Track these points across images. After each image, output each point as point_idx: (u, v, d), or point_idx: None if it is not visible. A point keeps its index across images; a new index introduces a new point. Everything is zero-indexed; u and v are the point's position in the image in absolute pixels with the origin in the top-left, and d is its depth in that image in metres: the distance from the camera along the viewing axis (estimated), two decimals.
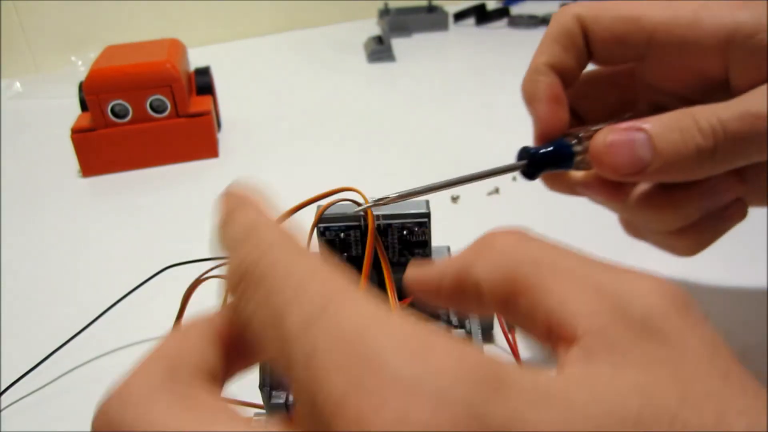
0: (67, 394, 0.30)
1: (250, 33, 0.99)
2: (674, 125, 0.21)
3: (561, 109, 0.26)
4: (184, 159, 0.55)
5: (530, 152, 0.25)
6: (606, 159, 0.23)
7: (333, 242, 0.30)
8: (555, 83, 0.27)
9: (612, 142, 0.22)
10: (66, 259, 0.42)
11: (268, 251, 0.14)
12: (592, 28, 0.25)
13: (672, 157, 0.21)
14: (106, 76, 0.51)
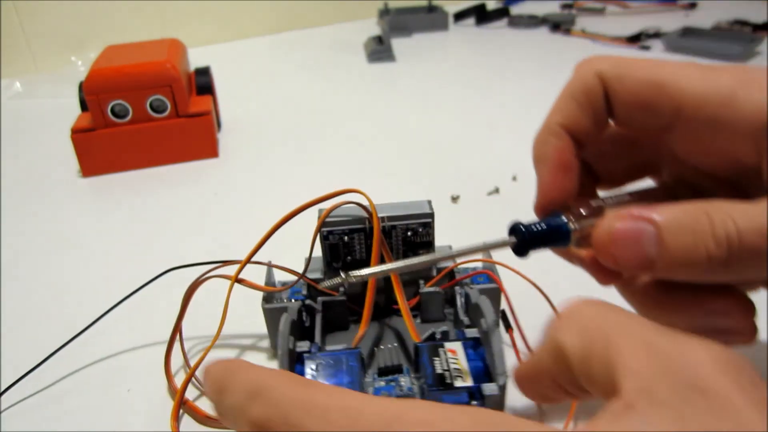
0: (67, 396, 0.30)
1: (250, 33, 0.99)
2: (687, 225, 0.19)
3: (566, 178, 0.24)
4: (184, 159, 0.55)
5: (521, 230, 0.23)
6: (609, 250, 0.20)
7: (336, 246, 0.30)
8: (565, 147, 0.24)
9: (617, 232, 0.20)
10: (66, 259, 0.42)
11: (280, 403, 0.15)
12: (615, 89, 0.23)
13: (681, 259, 0.19)
14: (106, 76, 0.51)
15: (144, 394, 0.30)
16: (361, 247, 0.30)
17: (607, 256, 0.21)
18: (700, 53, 0.76)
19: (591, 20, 0.99)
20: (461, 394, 0.24)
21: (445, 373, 0.25)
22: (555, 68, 0.76)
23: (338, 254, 0.30)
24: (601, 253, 0.21)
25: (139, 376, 0.31)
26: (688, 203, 0.19)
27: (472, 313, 0.29)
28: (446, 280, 0.31)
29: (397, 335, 0.30)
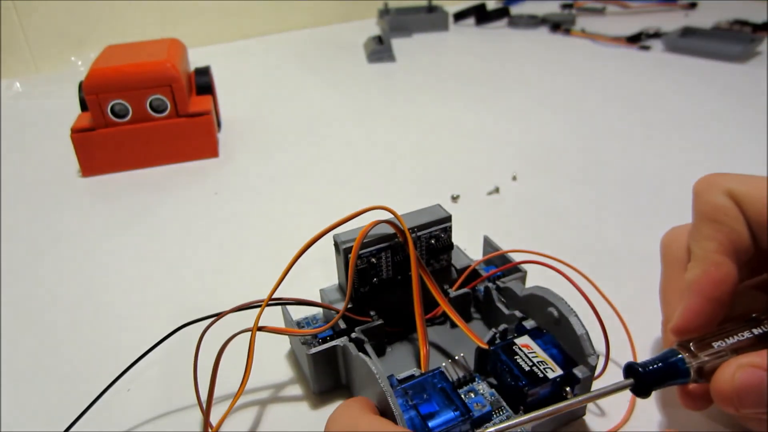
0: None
1: (250, 33, 0.99)
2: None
3: (715, 311, 0.23)
4: (184, 159, 0.55)
5: (639, 371, 0.22)
6: (731, 399, 0.21)
7: (365, 270, 0.28)
8: (726, 278, 0.23)
9: (741, 383, 0.20)
10: (66, 259, 0.42)
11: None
12: (746, 207, 0.22)
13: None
14: (106, 76, 0.51)
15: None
16: (389, 266, 0.29)
17: (728, 403, 0.21)
18: (700, 53, 0.77)
19: (591, 20, 0.99)
20: (555, 384, 0.24)
21: (534, 369, 0.25)
22: (555, 68, 0.76)
23: (367, 278, 0.28)
24: (722, 399, 0.21)
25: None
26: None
27: (524, 305, 0.28)
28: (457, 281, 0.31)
29: (438, 348, 0.30)
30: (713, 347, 0.22)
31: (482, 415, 0.24)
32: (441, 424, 0.23)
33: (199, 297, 0.37)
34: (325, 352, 0.27)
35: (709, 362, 0.22)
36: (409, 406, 0.23)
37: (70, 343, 0.33)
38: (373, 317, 0.29)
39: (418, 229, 0.29)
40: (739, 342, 0.22)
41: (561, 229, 0.42)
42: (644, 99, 0.64)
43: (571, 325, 0.25)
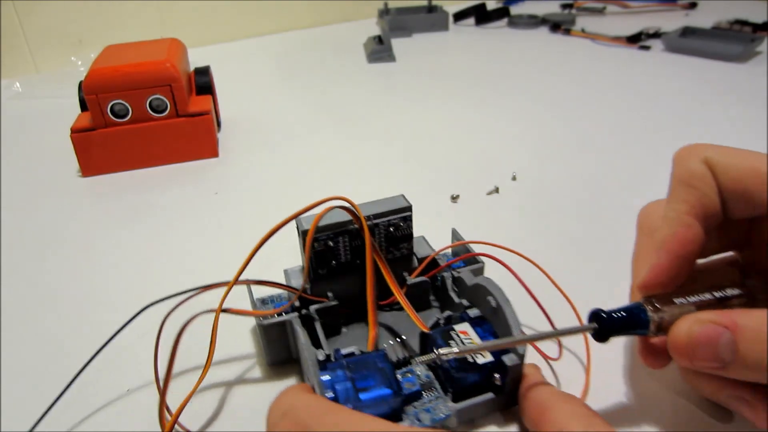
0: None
1: (250, 33, 0.99)
2: (761, 333, 0.21)
3: (682, 269, 0.25)
4: (184, 159, 0.55)
5: (602, 316, 0.24)
6: (686, 351, 0.22)
7: (323, 252, 0.30)
8: (693, 239, 0.25)
9: (697, 336, 0.22)
10: (66, 259, 0.42)
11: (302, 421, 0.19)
12: (720, 176, 0.24)
13: (752, 364, 0.21)
14: (105, 76, 0.51)
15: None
16: (346, 250, 0.30)
17: (682, 355, 0.22)
18: (700, 53, 0.76)
19: (591, 20, 0.99)
20: (485, 370, 0.25)
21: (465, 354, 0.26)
22: (555, 68, 0.76)
23: (325, 260, 0.30)
24: (677, 351, 0.23)
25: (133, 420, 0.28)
26: (762, 312, 0.21)
27: (471, 294, 0.30)
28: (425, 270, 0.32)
29: (389, 329, 0.31)
30: (675, 303, 0.24)
31: (411, 394, 0.26)
32: (372, 397, 0.24)
33: (200, 296, 0.37)
34: (276, 326, 0.29)
35: (669, 317, 0.23)
36: (347, 378, 0.25)
37: (70, 342, 0.33)
38: (330, 298, 0.30)
39: (375, 217, 0.30)
40: (700, 302, 0.24)
41: (561, 229, 0.42)
42: (644, 99, 0.64)
43: (505, 314, 0.26)
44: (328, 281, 0.30)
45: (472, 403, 0.25)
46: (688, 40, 0.80)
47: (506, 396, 0.26)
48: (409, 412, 0.25)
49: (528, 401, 0.24)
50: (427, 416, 0.25)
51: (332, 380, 0.25)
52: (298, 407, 0.19)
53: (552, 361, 0.30)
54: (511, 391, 0.26)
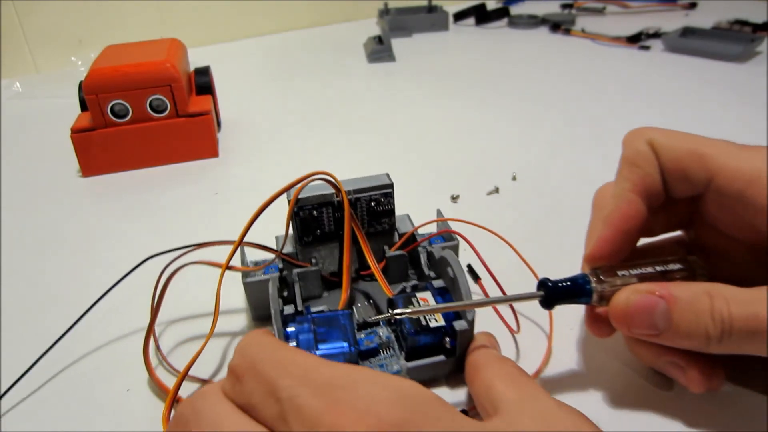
0: (63, 392, 0.30)
1: (250, 33, 0.99)
2: (694, 304, 0.22)
3: (624, 243, 0.26)
4: (184, 159, 0.55)
5: (548, 285, 0.26)
6: (623, 318, 0.24)
7: (307, 220, 0.32)
8: (635, 214, 0.26)
9: (634, 303, 0.23)
10: (66, 259, 0.42)
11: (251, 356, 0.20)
12: (661, 155, 0.26)
13: (684, 333, 0.22)
14: (105, 76, 0.51)
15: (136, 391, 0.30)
16: (330, 221, 0.33)
17: (621, 322, 0.24)
18: (700, 53, 0.76)
19: (591, 20, 0.99)
20: (437, 334, 0.27)
21: (420, 318, 0.28)
22: (555, 68, 0.76)
23: (309, 228, 0.33)
24: (616, 318, 0.24)
25: (128, 370, 0.31)
26: (696, 284, 0.23)
27: (437, 267, 0.31)
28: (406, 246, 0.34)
29: (367, 296, 0.33)
30: (618, 275, 0.25)
31: (368, 350, 0.28)
32: (328, 348, 0.26)
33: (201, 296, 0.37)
34: (257, 284, 0.31)
35: (611, 287, 0.25)
36: (311, 330, 0.27)
37: (71, 341, 0.33)
38: (312, 264, 0.33)
39: (357, 192, 0.32)
40: (642, 274, 0.25)
41: (561, 229, 0.42)
42: (644, 99, 0.64)
43: (459, 283, 0.28)
44: (313, 249, 0.33)
45: (423, 362, 0.27)
46: (688, 40, 0.80)
47: (457, 360, 0.28)
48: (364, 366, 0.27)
49: (467, 362, 0.26)
50: (379, 370, 0.26)
51: (297, 331, 0.27)
52: (251, 344, 0.20)
53: (515, 334, 0.32)
54: (461, 356, 0.27)
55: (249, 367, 0.19)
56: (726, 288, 0.22)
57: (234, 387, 0.20)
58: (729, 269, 0.26)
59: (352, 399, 0.17)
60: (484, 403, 0.23)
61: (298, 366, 0.19)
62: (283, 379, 0.18)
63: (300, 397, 0.17)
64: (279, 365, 0.19)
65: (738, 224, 0.25)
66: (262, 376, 0.19)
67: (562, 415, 0.20)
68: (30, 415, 0.29)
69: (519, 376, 0.23)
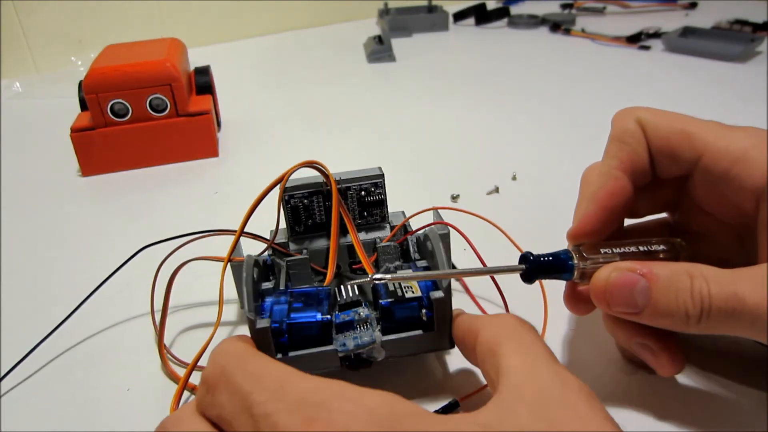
0: (60, 377, 0.30)
1: (250, 33, 0.99)
2: (674, 283, 0.22)
3: (608, 220, 0.26)
4: (183, 158, 0.55)
5: (530, 259, 0.26)
6: (603, 296, 0.24)
7: (297, 209, 0.32)
8: (620, 191, 0.26)
9: (614, 281, 0.23)
10: (65, 258, 0.42)
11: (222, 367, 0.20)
12: (649, 133, 0.26)
13: (663, 311, 0.22)
14: (105, 75, 0.51)
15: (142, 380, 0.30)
16: (320, 210, 0.33)
17: (601, 299, 0.24)
18: (700, 53, 0.76)
19: (591, 20, 0.99)
20: (412, 303, 0.27)
21: (397, 290, 0.27)
22: (555, 68, 0.76)
23: (299, 217, 0.33)
24: (596, 295, 0.24)
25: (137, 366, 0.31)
26: (677, 264, 0.23)
27: (423, 250, 0.31)
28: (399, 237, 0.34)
29: (357, 288, 0.32)
30: (600, 252, 0.25)
31: (342, 323, 0.27)
32: (299, 317, 0.26)
33: (201, 296, 0.37)
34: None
35: (593, 265, 0.25)
36: (287, 303, 0.27)
37: (69, 341, 0.33)
38: (302, 254, 0.32)
39: (347, 181, 0.33)
40: (625, 253, 0.25)
41: (561, 228, 0.42)
42: (644, 99, 0.64)
43: (436, 254, 0.28)
44: (305, 240, 0.33)
45: (398, 336, 0.26)
46: (688, 40, 0.80)
47: (436, 335, 0.27)
48: (338, 339, 0.26)
49: (459, 327, 0.25)
50: (352, 342, 0.26)
51: (272, 302, 0.27)
52: (224, 352, 0.20)
53: None
54: (440, 330, 0.26)
55: (221, 379, 0.19)
56: (706, 268, 0.22)
57: (206, 398, 0.19)
58: (713, 252, 0.26)
59: (327, 416, 0.17)
60: (488, 369, 0.22)
61: (272, 379, 0.18)
62: (256, 394, 0.18)
63: (274, 414, 0.17)
64: (252, 377, 0.19)
65: (724, 204, 0.25)
66: (235, 389, 0.18)
67: (564, 399, 0.19)
68: (28, 397, 0.29)
69: (523, 333, 0.22)
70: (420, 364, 0.30)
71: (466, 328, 0.25)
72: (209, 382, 0.19)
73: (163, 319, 0.31)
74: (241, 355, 0.20)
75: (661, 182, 0.27)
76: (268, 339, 0.25)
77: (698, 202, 0.26)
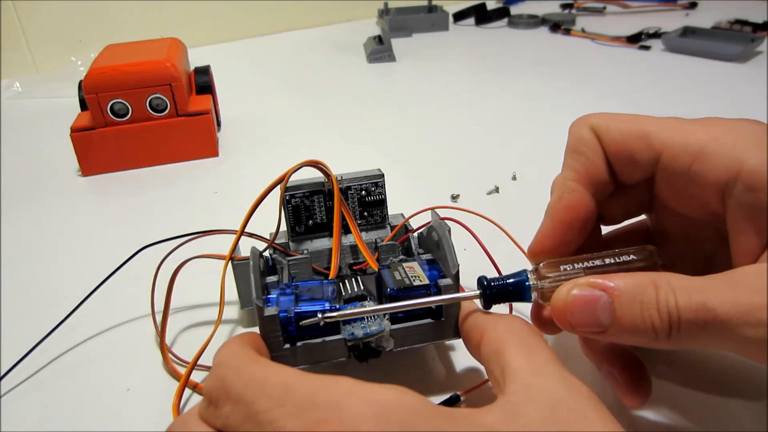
0: (60, 377, 0.30)
1: (250, 33, 0.99)
2: (638, 296, 0.20)
3: (566, 235, 0.25)
4: (183, 158, 0.55)
5: (484, 284, 0.24)
6: (564, 317, 0.22)
7: (298, 208, 0.32)
8: (577, 204, 0.25)
9: (574, 300, 0.21)
10: (65, 258, 0.42)
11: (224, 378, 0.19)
12: (604, 139, 0.25)
13: (629, 327, 0.20)
14: (105, 75, 0.51)
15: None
16: (321, 210, 0.33)
17: (563, 320, 0.22)
18: (700, 53, 0.76)
19: (591, 20, 0.99)
20: (420, 291, 0.26)
21: (405, 279, 0.27)
22: (555, 68, 0.76)
23: (300, 217, 0.33)
24: (557, 316, 0.22)
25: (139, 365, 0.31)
26: (642, 275, 0.21)
27: (426, 243, 0.32)
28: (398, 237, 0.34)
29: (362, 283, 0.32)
30: (559, 270, 0.23)
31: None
32: (307, 305, 0.26)
33: (202, 295, 0.37)
34: (246, 265, 0.30)
35: (552, 283, 0.23)
36: (292, 294, 0.27)
37: (70, 340, 0.33)
38: (303, 254, 0.32)
39: (347, 181, 0.33)
40: (591, 268, 0.23)
41: None
42: (644, 99, 0.64)
43: (443, 243, 0.27)
44: (306, 241, 0.33)
45: (407, 325, 0.26)
46: (688, 40, 0.80)
47: (443, 324, 0.26)
48: (346, 329, 0.26)
49: (467, 325, 0.25)
50: (361, 331, 0.25)
51: (279, 295, 0.27)
52: (224, 362, 0.20)
53: None
54: (447, 319, 0.26)
55: (223, 390, 0.19)
56: (675, 277, 0.20)
57: (209, 411, 0.19)
58: (696, 252, 0.25)
59: (336, 418, 0.16)
60: (493, 369, 0.21)
61: (275, 385, 0.18)
62: (260, 401, 0.17)
63: (281, 420, 0.17)
64: (254, 385, 0.18)
65: (692, 203, 0.23)
66: (238, 399, 0.18)
67: (572, 403, 0.18)
68: (27, 398, 0.29)
69: (529, 337, 0.22)
70: (421, 358, 0.30)
71: (473, 324, 0.24)
72: (211, 395, 0.19)
73: (165, 317, 0.31)
74: (241, 362, 0.19)
75: (629, 187, 0.26)
76: (276, 326, 0.24)
77: (666, 203, 0.25)
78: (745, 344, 0.19)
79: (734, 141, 0.21)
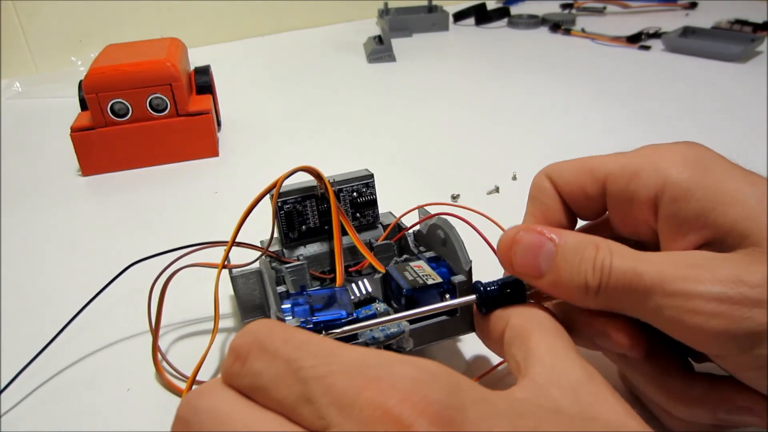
0: (58, 393, 0.30)
1: (250, 33, 0.99)
2: (580, 251, 0.22)
3: None
4: (183, 158, 0.55)
5: (480, 288, 0.25)
6: (508, 254, 0.23)
7: (291, 214, 0.32)
8: None
9: (521, 240, 0.23)
10: (65, 258, 0.42)
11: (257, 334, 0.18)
12: (558, 183, 0.26)
13: (565, 278, 0.22)
14: (105, 75, 0.51)
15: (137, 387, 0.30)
16: (314, 214, 0.33)
17: (505, 258, 0.23)
18: (700, 53, 0.76)
19: (591, 20, 0.99)
20: (435, 289, 0.27)
21: (417, 279, 0.27)
22: (555, 68, 0.76)
23: (293, 223, 0.33)
24: (501, 254, 0.23)
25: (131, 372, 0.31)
26: (587, 236, 0.22)
27: (426, 240, 0.32)
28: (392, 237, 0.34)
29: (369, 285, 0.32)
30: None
31: (366, 317, 0.27)
32: (325, 315, 0.26)
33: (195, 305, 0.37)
34: (247, 276, 0.31)
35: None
36: (306, 303, 0.27)
37: (70, 341, 0.33)
38: (299, 260, 0.32)
39: (338, 183, 0.33)
40: None
41: None
42: (644, 99, 0.64)
43: (452, 240, 0.28)
44: (299, 246, 0.33)
45: (425, 324, 0.27)
46: (688, 40, 0.80)
47: (459, 320, 0.27)
48: (365, 333, 0.26)
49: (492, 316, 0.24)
50: (381, 334, 0.26)
51: (293, 305, 0.27)
52: (258, 326, 0.19)
53: None
54: (462, 314, 0.27)
55: (256, 345, 0.17)
56: (615, 244, 0.22)
57: (235, 367, 0.18)
58: None
59: (391, 377, 0.15)
60: (515, 353, 0.22)
61: (321, 347, 0.17)
62: (304, 359, 0.16)
63: (329, 376, 0.16)
64: (297, 343, 0.17)
65: (636, 225, 0.24)
66: (276, 355, 0.17)
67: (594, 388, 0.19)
68: (27, 414, 0.29)
69: (552, 326, 0.22)
70: (427, 347, 0.30)
71: (498, 315, 0.24)
72: (241, 351, 0.18)
73: (157, 329, 0.30)
74: (280, 328, 0.18)
75: (594, 227, 0.27)
76: None
77: (621, 233, 0.26)
78: (657, 313, 0.20)
79: (662, 159, 0.23)
